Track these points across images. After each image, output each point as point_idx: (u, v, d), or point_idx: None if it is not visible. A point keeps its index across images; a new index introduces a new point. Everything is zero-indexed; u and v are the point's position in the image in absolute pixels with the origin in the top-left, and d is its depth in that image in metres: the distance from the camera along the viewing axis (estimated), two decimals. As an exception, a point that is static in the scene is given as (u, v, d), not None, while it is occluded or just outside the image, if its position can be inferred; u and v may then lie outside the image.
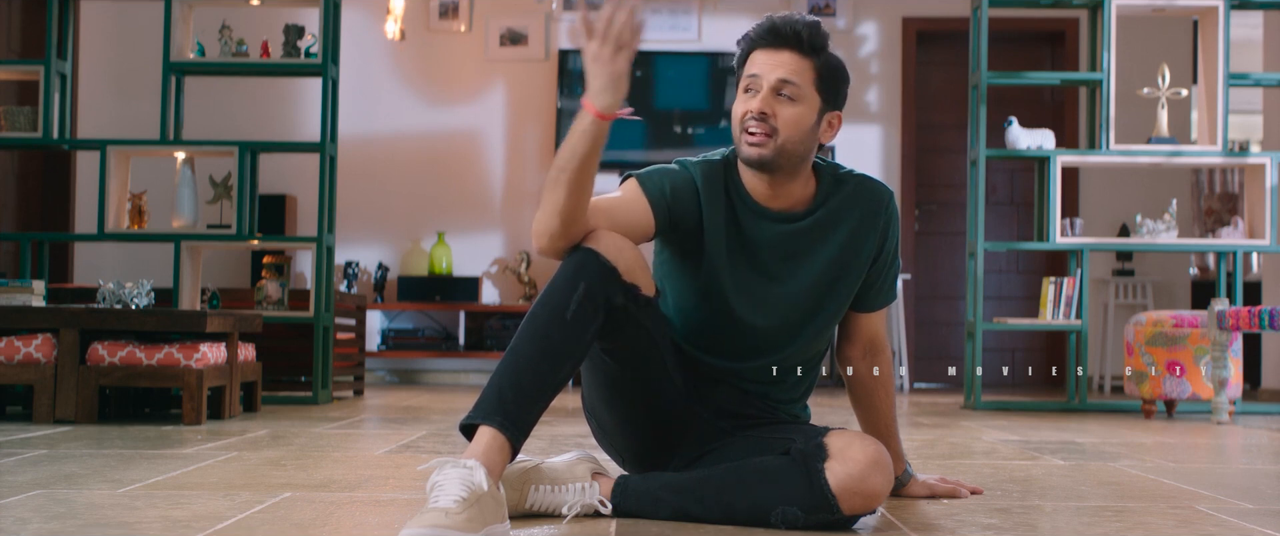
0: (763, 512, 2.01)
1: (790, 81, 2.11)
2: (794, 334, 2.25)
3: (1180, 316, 5.31)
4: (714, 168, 2.20)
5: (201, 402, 4.06)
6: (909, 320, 7.81)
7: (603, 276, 2.00)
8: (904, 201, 7.94)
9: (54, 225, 6.85)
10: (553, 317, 1.97)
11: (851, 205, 2.23)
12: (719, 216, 2.18)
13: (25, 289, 4.38)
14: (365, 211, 7.83)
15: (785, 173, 2.17)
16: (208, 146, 5.44)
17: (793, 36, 2.11)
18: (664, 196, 2.16)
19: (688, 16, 7.87)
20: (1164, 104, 5.85)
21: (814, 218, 2.21)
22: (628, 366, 2.13)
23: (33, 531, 1.93)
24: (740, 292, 2.20)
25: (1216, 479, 2.91)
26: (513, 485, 2.10)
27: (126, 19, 7.57)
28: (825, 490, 1.97)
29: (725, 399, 2.25)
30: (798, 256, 2.21)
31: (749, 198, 2.20)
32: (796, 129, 2.12)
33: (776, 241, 2.20)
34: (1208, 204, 8.04)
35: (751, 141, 2.12)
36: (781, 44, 2.12)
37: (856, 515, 2.01)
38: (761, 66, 2.12)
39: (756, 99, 2.12)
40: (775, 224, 2.20)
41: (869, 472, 1.97)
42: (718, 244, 2.18)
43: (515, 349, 1.97)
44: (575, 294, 1.98)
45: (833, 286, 2.24)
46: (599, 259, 2.00)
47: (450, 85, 7.91)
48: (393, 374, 7.86)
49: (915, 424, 4.62)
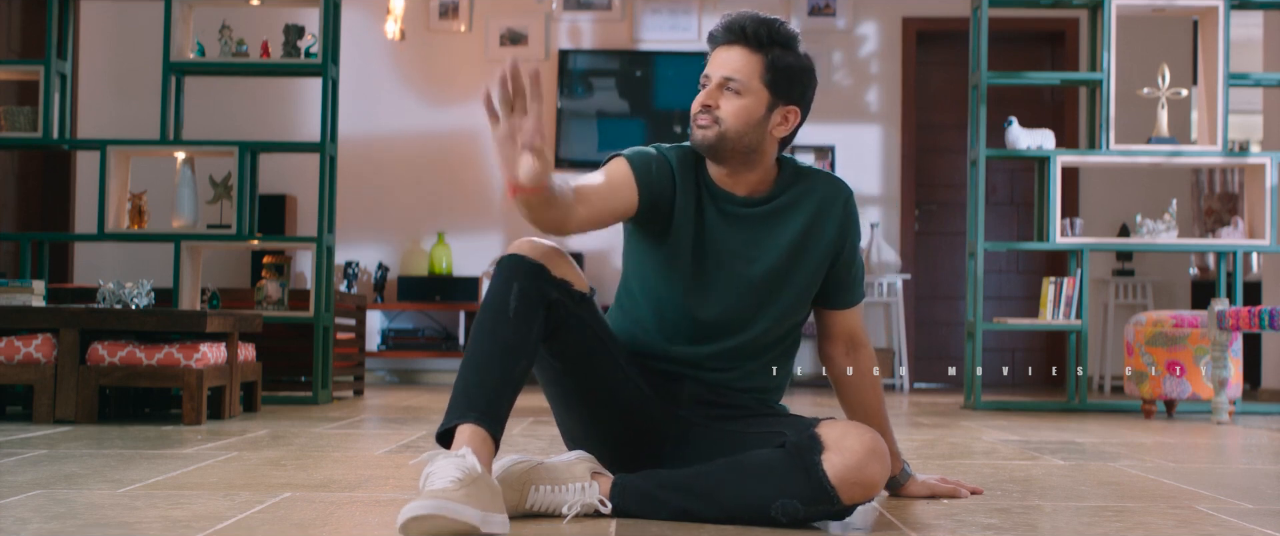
0: (763, 506, 2.03)
1: (734, 78, 2.23)
2: (753, 318, 2.30)
3: (1180, 316, 5.31)
4: (686, 154, 2.31)
5: (201, 402, 4.06)
6: (909, 320, 7.81)
7: (533, 274, 2.09)
8: (904, 201, 7.94)
9: (54, 225, 6.85)
10: (497, 318, 2.06)
11: (810, 194, 2.33)
12: (689, 200, 2.27)
13: (25, 289, 4.38)
14: (365, 211, 7.83)
15: (738, 160, 2.26)
16: (208, 146, 5.44)
17: (740, 33, 2.24)
18: (649, 177, 2.24)
19: (688, 16, 7.87)
20: (1164, 104, 5.85)
21: (774, 203, 2.31)
22: (578, 365, 2.19)
23: (33, 531, 1.93)
24: (702, 275, 2.27)
25: (1216, 479, 2.91)
26: (512, 485, 2.10)
27: (126, 19, 7.57)
28: (824, 482, 2.00)
29: (696, 390, 2.28)
30: (758, 240, 2.29)
31: (714, 184, 2.30)
32: (738, 119, 2.22)
33: (737, 225, 2.29)
34: (1208, 204, 8.04)
35: (698, 126, 2.24)
36: (732, 40, 2.25)
37: (856, 504, 2.04)
38: (713, 64, 2.26)
39: (703, 95, 2.25)
40: (737, 208, 2.29)
41: (866, 461, 2.01)
42: (685, 227, 2.26)
43: (470, 353, 2.05)
44: (512, 293, 2.07)
45: (791, 272, 2.30)
46: (526, 261, 2.10)
47: (450, 85, 7.91)
48: (393, 374, 7.86)
49: (915, 424, 4.62)
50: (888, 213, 7.94)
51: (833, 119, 7.92)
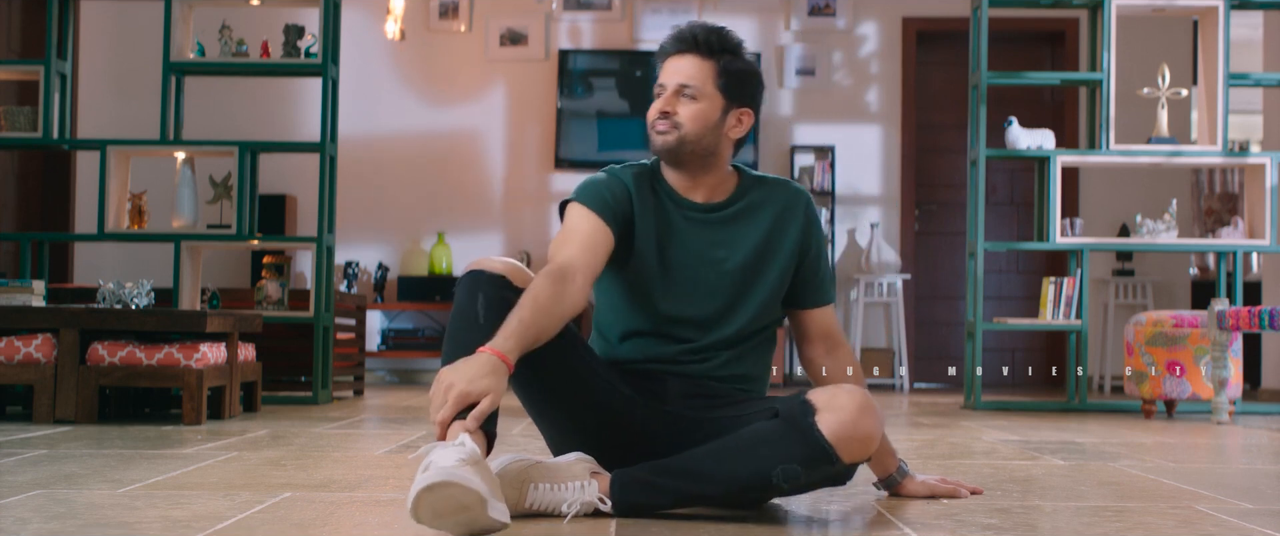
0: (764, 476, 2.07)
1: (689, 84, 2.30)
2: (727, 315, 2.34)
3: (1180, 316, 5.31)
4: (641, 170, 2.37)
5: (201, 402, 4.06)
6: (909, 320, 7.81)
7: (496, 284, 2.14)
8: (904, 201, 7.94)
9: (54, 225, 6.85)
10: (467, 326, 2.11)
11: (770, 199, 2.39)
12: (649, 212, 2.33)
13: (25, 289, 4.38)
14: (365, 211, 7.83)
15: (697, 165, 2.33)
16: (208, 146, 5.44)
17: (692, 42, 2.32)
18: (608, 206, 2.29)
19: (688, 16, 7.86)
20: (1164, 104, 5.85)
21: (735, 208, 2.37)
22: (554, 374, 2.21)
23: (33, 531, 1.93)
24: (670, 281, 2.32)
25: (1216, 479, 2.91)
26: (511, 483, 2.10)
27: (126, 19, 7.57)
28: (821, 440, 2.05)
29: (680, 386, 2.31)
30: (723, 243, 2.34)
31: (674, 192, 2.36)
32: (696, 123, 2.30)
33: (701, 230, 2.34)
34: (1208, 204, 8.04)
35: (658, 131, 2.31)
36: (684, 49, 2.33)
37: (856, 463, 2.10)
38: (666, 73, 2.33)
39: (660, 103, 2.32)
40: (699, 214, 2.35)
41: (859, 417, 2.07)
42: (648, 237, 2.31)
43: (447, 361, 2.06)
44: (478, 303, 2.12)
45: (757, 272, 2.35)
46: (486, 272, 2.16)
47: (450, 85, 7.91)
48: (393, 374, 7.86)
49: (915, 424, 4.62)
50: (888, 213, 7.94)
51: (833, 119, 7.92)
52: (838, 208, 7.87)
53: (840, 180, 7.87)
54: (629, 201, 2.31)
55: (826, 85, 7.91)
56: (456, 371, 1.98)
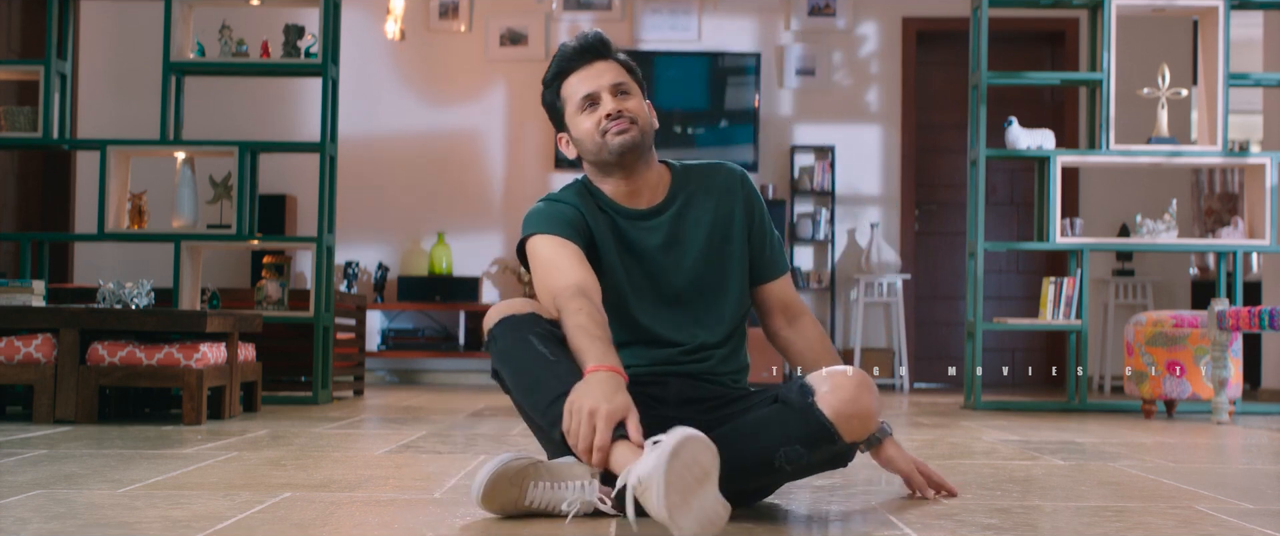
0: (766, 459, 2.09)
1: (620, 81, 2.32)
2: (704, 308, 2.36)
3: (1180, 316, 5.31)
4: (579, 188, 2.38)
5: (201, 402, 4.06)
6: (909, 320, 7.81)
7: (533, 320, 2.14)
8: (904, 201, 7.94)
9: (54, 225, 6.85)
10: (538, 361, 2.09)
11: (707, 185, 2.40)
12: (604, 229, 2.34)
13: (25, 289, 4.38)
14: (365, 211, 7.83)
15: (644, 161, 2.35)
16: (208, 146, 5.44)
17: (601, 46, 2.34)
18: (571, 225, 2.30)
19: (688, 16, 7.87)
20: (1164, 104, 5.85)
21: (676, 206, 2.37)
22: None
23: (33, 531, 1.93)
24: (638, 290, 2.33)
25: (1216, 479, 2.91)
26: (511, 481, 2.10)
27: (126, 19, 7.57)
28: (822, 419, 2.07)
29: (681, 388, 2.31)
30: (677, 242, 2.35)
31: (616, 205, 2.36)
32: (644, 114, 2.33)
33: (650, 236, 2.35)
34: (1208, 204, 8.04)
35: (619, 130, 2.29)
36: (593, 57, 2.33)
37: (856, 441, 2.11)
38: (588, 83, 2.32)
39: (606, 103, 2.31)
40: (646, 221, 2.36)
41: (858, 393, 2.09)
42: (610, 254, 2.33)
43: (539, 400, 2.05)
44: (533, 339, 2.10)
45: (718, 257, 2.37)
46: (518, 315, 2.15)
47: (450, 85, 7.91)
48: (393, 374, 7.86)
49: (915, 424, 4.62)
50: (888, 213, 7.94)
51: (833, 119, 7.92)
52: (838, 208, 7.87)
53: (840, 180, 7.87)
54: (584, 220, 2.32)
55: (826, 85, 7.91)
56: (588, 396, 1.96)
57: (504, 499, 2.13)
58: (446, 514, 2.19)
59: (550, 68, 2.36)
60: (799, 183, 7.76)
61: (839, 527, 2.10)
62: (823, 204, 7.77)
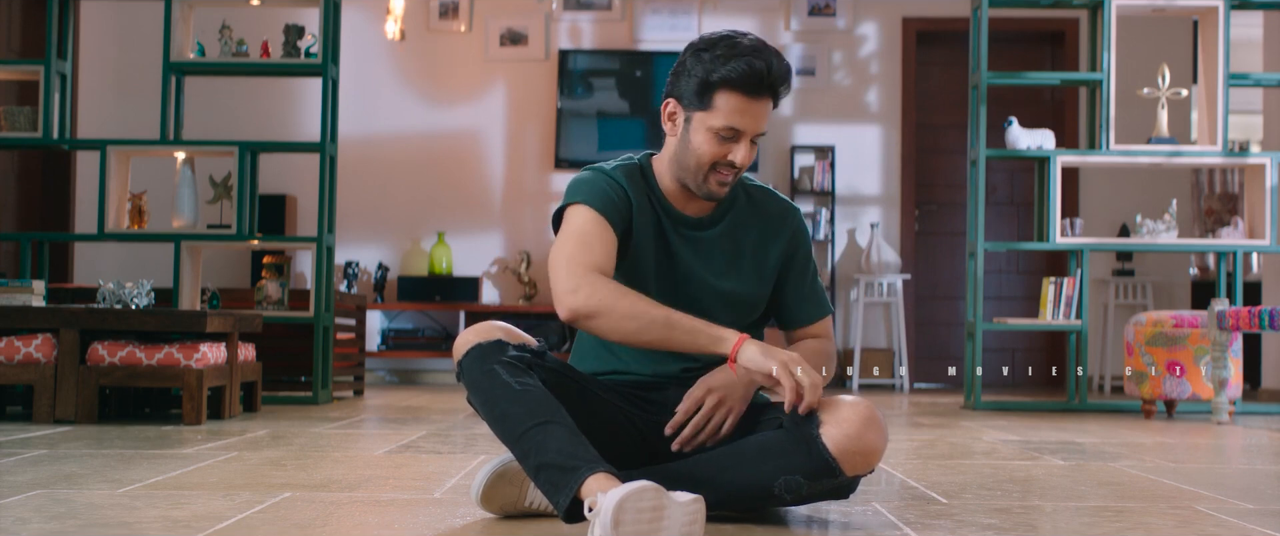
0: (765, 486, 2.05)
1: (764, 132, 2.18)
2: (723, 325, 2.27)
3: (1180, 316, 5.31)
4: (633, 171, 2.27)
5: (201, 402, 4.06)
6: (909, 320, 7.81)
7: (497, 348, 2.05)
8: (904, 201, 7.94)
9: (54, 225, 6.85)
10: (505, 393, 1.99)
11: (758, 210, 2.32)
12: (647, 222, 2.25)
13: (25, 289, 4.38)
14: (365, 211, 7.83)
15: None
16: (208, 146, 5.44)
17: (771, 90, 2.14)
18: (615, 208, 2.20)
19: (688, 16, 7.87)
20: (1164, 104, 5.85)
21: (725, 223, 2.29)
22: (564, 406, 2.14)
23: (33, 531, 1.93)
24: (669, 288, 2.26)
25: (1216, 479, 2.91)
26: (511, 482, 2.10)
27: (126, 19, 7.57)
28: (825, 453, 2.02)
29: (681, 396, 2.26)
30: (716, 257, 2.28)
31: (669, 204, 2.27)
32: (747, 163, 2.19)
33: (691, 246, 2.27)
34: (1208, 204, 8.04)
35: (722, 181, 2.18)
36: (763, 93, 2.14)
37: (858, 475, 2.06)
38: (742, 119, 2.14)
39: (739, 152, 2.16)
40: (691, 230, 2.27)
41: (864, 430, 2.02)
42: (646, 244, 2.24)
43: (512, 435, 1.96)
44: (498, 371, 2.02)
45: (750, 281, 2.29)
46: (483, 344, 2.06)
47: (450, 85, 7.91)
48: (393, 374, 7.86)
49: (915, 424, 4.62)
50: (888, 213, 7.94)
51: (833, 119, 7.92)
52: (838, 208, 7.87)
53: (840, 180, 7.87)
54: (629, 207, 2.23)
55: (826, 85, 7.91)
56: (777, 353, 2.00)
57: (503, 499, 2.13)
58: (446, 514, 2.19)
59: (723, 58, 2.13)
60: (799, 183, 7.76)
61: (839, 528, 2.10)
62: (823, 204, 7.77)
